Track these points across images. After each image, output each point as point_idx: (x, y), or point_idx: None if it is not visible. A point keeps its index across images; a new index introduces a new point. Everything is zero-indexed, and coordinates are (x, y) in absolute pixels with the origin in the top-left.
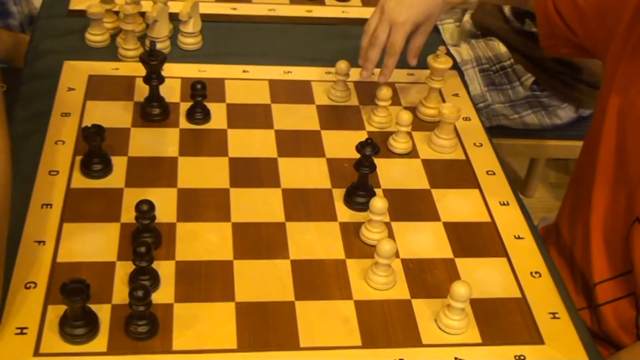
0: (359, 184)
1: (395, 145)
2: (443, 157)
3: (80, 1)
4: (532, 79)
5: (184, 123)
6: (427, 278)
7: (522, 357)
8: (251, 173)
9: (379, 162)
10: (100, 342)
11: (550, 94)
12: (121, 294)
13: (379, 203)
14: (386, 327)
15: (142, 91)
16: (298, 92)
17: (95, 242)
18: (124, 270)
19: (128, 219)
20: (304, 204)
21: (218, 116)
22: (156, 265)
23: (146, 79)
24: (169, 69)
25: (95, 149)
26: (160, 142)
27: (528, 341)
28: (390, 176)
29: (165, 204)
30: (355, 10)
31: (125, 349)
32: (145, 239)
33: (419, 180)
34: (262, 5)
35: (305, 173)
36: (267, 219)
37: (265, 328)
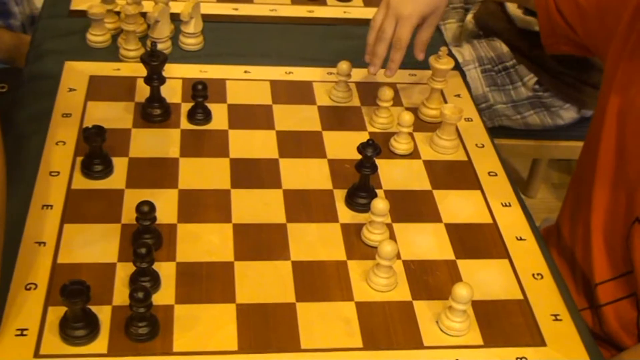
0: (360, 185)
1: (396, 146)
2: (445, 158)
3: (81, 1)
4: (534, 79)
5: (185, 124)
6: (429, 279)
7: (523, 359)
8: (252, 174)
9: (380, 163)
10: (101, 343)
11: (552, 95)
12: (122, 295)
13: (380, 204)
14: (387, 328)
15: (143, 92)
16: (299, 93)
17: (96, 244)
18: (124, 272)
19: (129, 220)
20: (305, 205)
21: (219, 117)
22: (157, 266)
23: (147, 80)
24: (170, 70)
25: (96, 149)
26: (161, 142)
27: (530, 343)
28: (391, 177)
29: (166, 205)
30: (356, 11)
31: (125, 351)
32: (146, 240)
33: (421, 181)
34: (263, 5)
35: (306, 174)
36: (268, 220)
37: (266, 329)
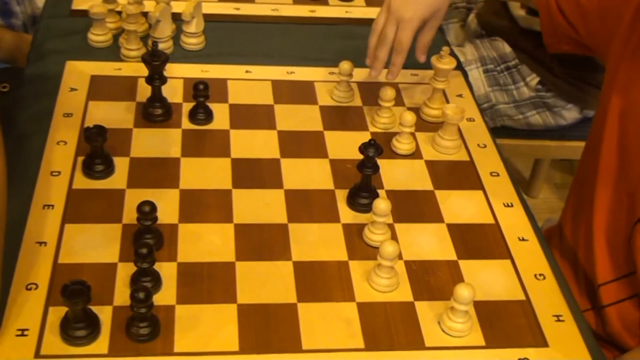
0: (362, 185)
1: (398, 146)
2: (447, 158)
3: (82, 1)
4: (537, 79)
5: (186, 124)
6: (431, 280)
7: None
8: (254, 174)
9: (382, 163)
10: (102, 344)
11: (555, 95)
12: (122, 295)
13: (382, 204)
14: (389, 329)
15: (144, 91)
16: (301, 93)
17: (97, 243)
18: (125, 272)
19: (130, 220)
20: (306, 205)
21: (220, 117)
22: (158, 266)
23: (148, 80)
24: (171, 69)
25: (97, 149)
26: (162, 142)
27: (532, 344)
28: (393, 177)
29: (167, 205)
30: (358, 10)
31: (126, 351)
32: (147, 240)
33: (423, 182)
34: (265, 5)
35: (307, 174)
36: (270, 220)
37: (267, 330)
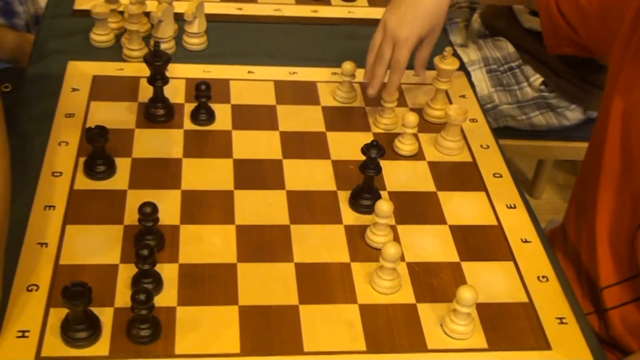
0: (364, 186)
1: (401, 147)
2: (449, 159)
3: (85, 1)
4: (540, 80)
5: (188, 124)
6: (433, 282)
7: None
8: (255, 175)
9: (384, 164)
10: (102, 345)
11: (558, 95)
12: (124, 297)
13: (384, 206)
14: (391, 331)
15: (146, 92)
16: (303, 93)
17: (98, 245)
18: (126, 273)
19: (131, 221)
20: (308, 207)
21: (223, 117)
22: (159, 268)
23: (150, 80)
24: (173, 70)
25: (98, 150)
26: (164, 143)
27: (535, 347)
28: (395, 178)
29: (168, 206)
30: (361, 11)
31: (127, 353)
32: (148, 242)
33: (425, 183)
34: (267, 5)
35: (310, 175)
36: (272, 221)
37: (269, 332)
